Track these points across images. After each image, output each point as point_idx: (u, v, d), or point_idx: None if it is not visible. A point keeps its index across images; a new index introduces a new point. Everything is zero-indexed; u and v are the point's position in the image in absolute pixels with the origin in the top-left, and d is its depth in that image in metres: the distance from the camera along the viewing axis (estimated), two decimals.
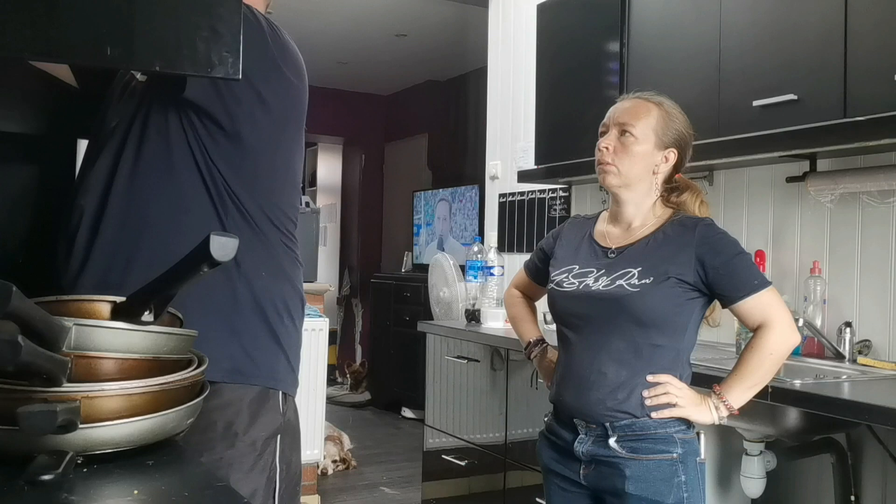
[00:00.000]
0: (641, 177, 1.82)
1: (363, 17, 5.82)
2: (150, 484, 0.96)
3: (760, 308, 1.72)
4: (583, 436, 1.79)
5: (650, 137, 1.81)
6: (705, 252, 1.73)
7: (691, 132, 1.88)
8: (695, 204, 1.87)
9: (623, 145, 1.80)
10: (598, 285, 1.79)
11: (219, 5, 0.99)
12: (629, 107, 1.85)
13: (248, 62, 1.20)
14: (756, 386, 1.76)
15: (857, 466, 2.39)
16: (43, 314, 0.93)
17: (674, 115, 1.85)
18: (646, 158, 1.81)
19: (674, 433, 1.75)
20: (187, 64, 1.00)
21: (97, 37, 0.95)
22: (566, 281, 1.85)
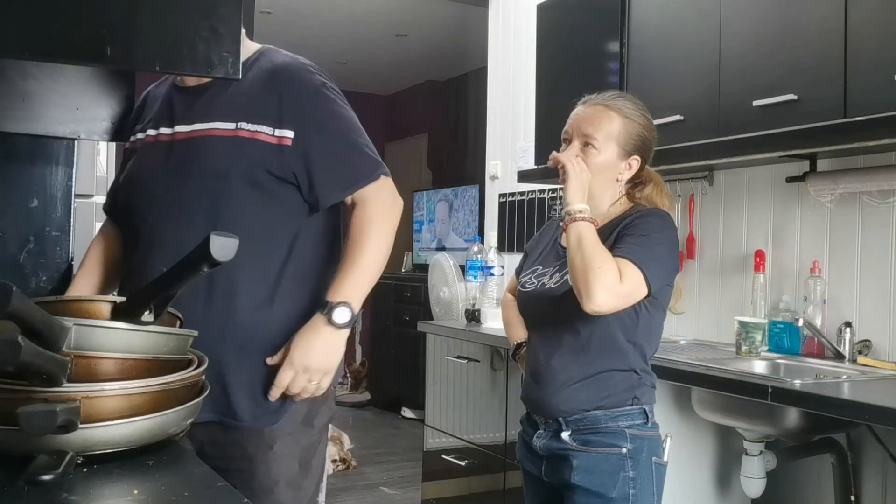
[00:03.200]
0: (604, 186, 1.83)
1: (363, 17, 5.82)
2: (150, 484, 0.96)
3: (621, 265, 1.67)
4: (541, 431, 1.83)
5: (612, 148, 1.81)
6: (624, 230, 1.74)
7: (653, 133, 1.88)
8: (660, 197, 1.88)
9: (586, 157, 1.80)
10: (551, 283, 1.82)
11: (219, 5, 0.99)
12: (590, 115, 1.83)
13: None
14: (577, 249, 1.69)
15: (857, 466, 2.39)
16: (43, 314, 0.93)
17: (634, 119, 1.83)
18: (608, 169, 1.82)
19: (625, 428, 1.74)
20: (187, 64, 1.00)
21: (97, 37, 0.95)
22: (528, 282, 1.90)
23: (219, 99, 1.56)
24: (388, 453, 5.27)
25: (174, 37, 0.98)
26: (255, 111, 1.54)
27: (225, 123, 1.54)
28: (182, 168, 1.53)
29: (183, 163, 1.54)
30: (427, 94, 7.71)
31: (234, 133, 1.53)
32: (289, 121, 1.53)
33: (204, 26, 0.98)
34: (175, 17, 0.98)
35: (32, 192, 1.55)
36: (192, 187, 1.52)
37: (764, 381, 2.10)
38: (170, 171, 1.54)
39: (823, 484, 2.52)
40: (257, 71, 1.59)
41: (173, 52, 0.99)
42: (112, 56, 0.96)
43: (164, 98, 1.63)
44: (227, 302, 1.51)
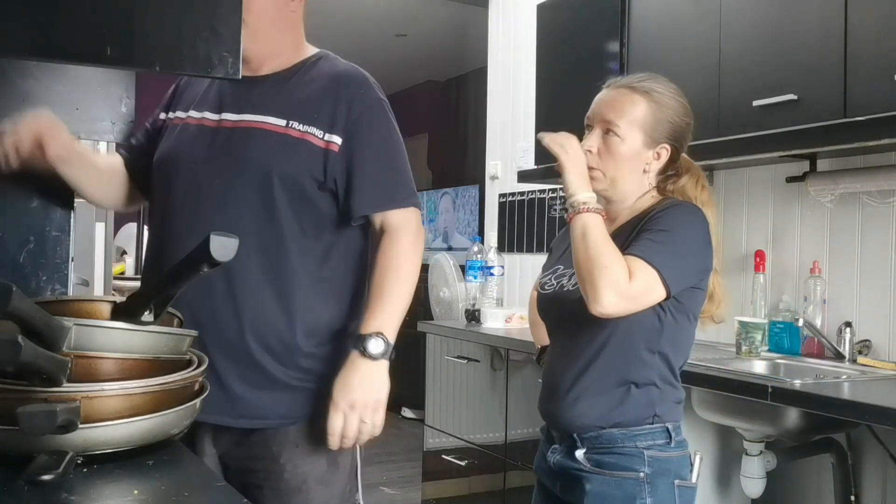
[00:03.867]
0: (630, 179, 1.63)
1: (363, 17, 5.82)
2: (150, 484, 0.96)
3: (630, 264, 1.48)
4: (556, 446, 1.66)
5: (637, 136, 1.60)
6: (646, 224, 1.55)
7: (688, 119, 1.67)
8: (696, 189, 1.68)
9: (607, 146, 1.60)
10: (569, 284, 1.62)
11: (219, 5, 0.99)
12: (613, 99, 1.63)
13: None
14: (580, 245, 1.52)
15: (857, 466, 2.39)
16: (43, 314, 0.93)
17: (665, 104, 1.62)
18: (633, 159, 1.61)
19: (644, 449, 1.55)
20: (187, 64, 1.00)
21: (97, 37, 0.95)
22: (548, 283, 1.71)
23: (272, 93, 1.56)
24: (388, 453, 5.27)
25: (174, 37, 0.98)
26: (309, 113, 1.54)
27: (276, 119, 1.54)
28: (227, 157, 1.53)
29: (228, 152, 1.53)
30: (427, 94, 7.71)
31: (285, 130, 1.53)
32: (340, 128, 1.54)
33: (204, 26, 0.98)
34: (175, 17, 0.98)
35: (32, 192, 1.55)
36: (237, 179, 1.52)
37: (764, 381, 2.10)
38: (214, 158, 1.54)
39: (823, 484, 2.52)
40: (316, 73, 1.59)
41: (173, 52, 0.99)
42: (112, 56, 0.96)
43: (210, 83, 1.63)
44: (252, 303, 1.51)
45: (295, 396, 1.54)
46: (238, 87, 1.58)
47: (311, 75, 1.59)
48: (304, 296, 1.54)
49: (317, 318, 1.56)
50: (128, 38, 0.97)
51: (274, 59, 1.58)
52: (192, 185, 1.54)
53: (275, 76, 1.58)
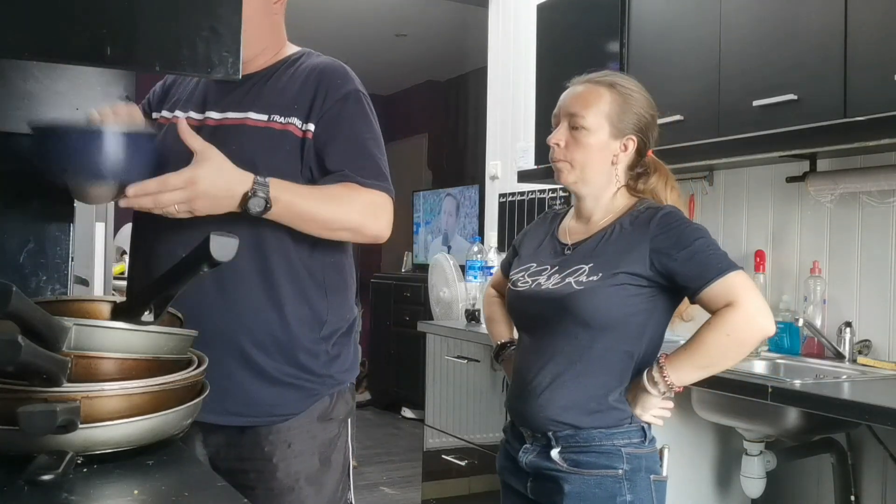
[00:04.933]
0: (599, 170, 1.65)
1: (363, 17, 5.82)
2: (150, 484, 0.96)
3: (725, 291, 1.50)
4: (528, 445, 1.65)
5: (603, 126, 1.63)
6: (661, 242, 1.55)
7: (653, 112, 1.70)
8: (665, 190, 1.70)
9: (575, 139, 1.63)
10: (549, 284, 1.63)
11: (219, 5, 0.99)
12: (579, 93, 1.66)
13: None
14: (706, 367, 1.55)
15: (857, 466, 2.39)
16: (43, 314, 0.93)
17: (630, 96, 1.66)
18: (601, 150, 1.63)
19: (622, 447, 1.57)
20: (187, 64, 1.00)
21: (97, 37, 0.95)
22: (521, 280, 1.70)
23: (254, 91, 1.58)
24: (388, 453, 5.27)
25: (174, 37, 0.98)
26: (289, 105, 1.55)
27: (258, 115, 1.55)
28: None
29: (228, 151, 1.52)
30: (427, 94, 7.71)
31: (266, 124, 1.54)
32: (316, 116, 1.55)
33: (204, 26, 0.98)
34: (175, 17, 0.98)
35: (32, 193, 1.55)
36: None
37: (764, 381, 2.10)
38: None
39: (823, 484, 2.52)
40: (297, 69, 1.61)
41: (173, 52, 0.99)
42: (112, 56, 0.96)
43: (196, 82, 1.65)
44: (243, 298, 1.52)
45: (286, 393, 1.54)
46: (220, 87, 1.60)
47: (292, 71, 1.61)
48: (295, 289, 1.55)
49: (307, 312, 1.56)
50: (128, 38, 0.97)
51: (256, 60, 1.60)
52: None
53: (256, 75, 1.60)
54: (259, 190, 1.39)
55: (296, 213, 1.46)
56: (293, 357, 1.54)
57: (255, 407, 1.53)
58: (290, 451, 1.54)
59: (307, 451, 1.56)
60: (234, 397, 1.51)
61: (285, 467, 1.54)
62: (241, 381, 1.51)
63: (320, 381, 1.58)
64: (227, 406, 1.50)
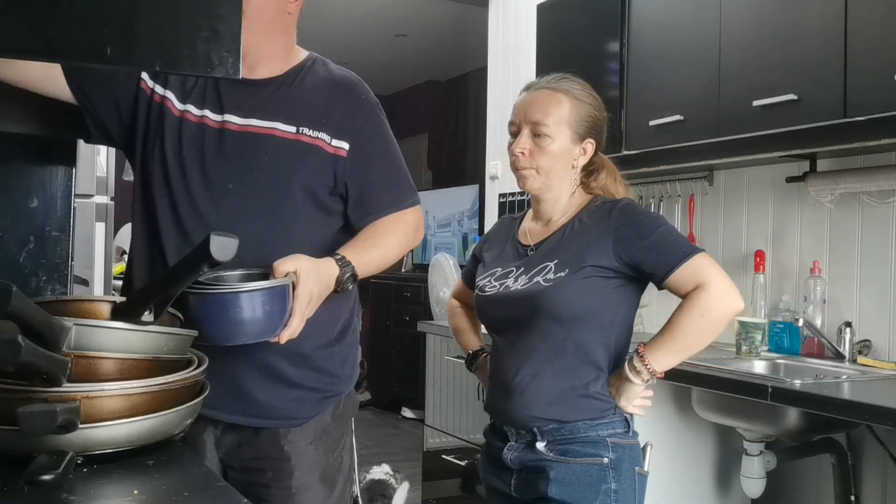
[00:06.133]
0: (561, 175, 1.70)
1: (363, 17, 5.82)
2: (150, 484, 0.96)
3: (692, 274, 1.55)
4: (512, 443, 1.68)
5: (565, 133, 1.67)
6: (624, 233, 1.60)
7: (603, 113, 1.75)
8: (615, 184, 1.76)
9: (539, 146, 1.67)
10: (517, 285, 1.67)
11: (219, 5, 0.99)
12: (538, 101, 1.69)
13: None
14: (684, 350, 1.61)
15: (857, 466, 2.39)
16: (43, 314, 0.93)
17: (584, 100, 1.70)
18: (564, 156, 1.68)
19: (607, 436, 1.61)
20: (187, 64, 1.00)
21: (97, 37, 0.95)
22: (489, 285, 1.74)
23: (277, 97, 1.55)
24: (388, 453, 5.26)
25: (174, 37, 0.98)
26: (317, 119, 1.54)
27: (286, 125, 1.53)
28: (243, 162, 1.51)
29: (242, 156, 1.52)
30: (427, 94, 7.71)
31: (296, 137, 1.53)
32: (347, 133, 1.56)
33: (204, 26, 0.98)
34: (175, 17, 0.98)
35: (32, 192, 1.55)
36: (254, 185, 1.51)
37: (764, 381, 2.10)
38: (224, 161, 1.51)
39: (823, 484, 2.52)
40: (315, 78, 1.60)
41: (173, 51, 0.99)
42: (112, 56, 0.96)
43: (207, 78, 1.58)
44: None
45: (306, 396, 1.55)
46: (239, 89, 1.55)
47: (311, 80, 1.59)
48: None
49: (324, 317, 1.57)
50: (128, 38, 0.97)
51: (268, 61, 1.57)
52: (203, 187, 1.51)
53: (275, 80, 1.57)
54: (346, 271, 1.48)
55: (368, 270, 1.57)
56: (311, 360, 1.55)
57: (276, 411, 1.53)
58: (307, 450, 1.55)
59: (322, 450, 1.58)
60: (257, 402, 1.52)
61: (302, 466, 1.55)
62: (262, 387, 1.52)
63: (336, 381, 1.59)
64: (248, 409, 1.51)
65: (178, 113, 1.56)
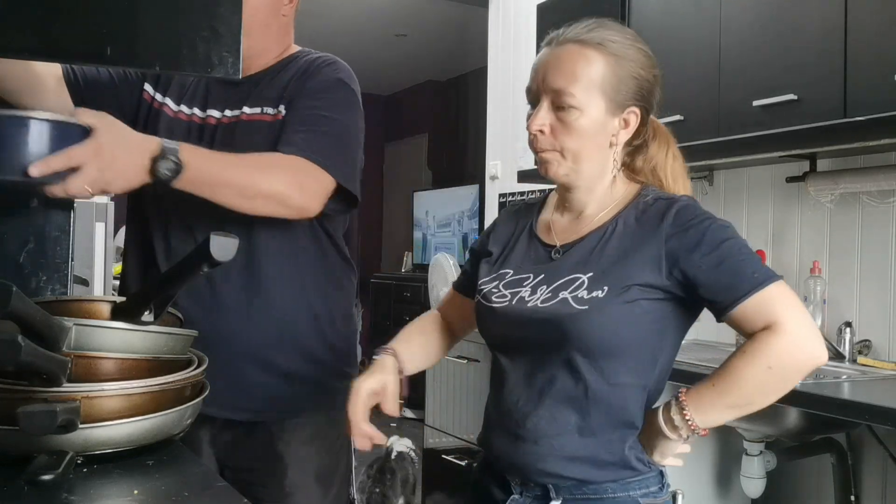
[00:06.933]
0: (595, 156, 1.29)
1: (363, 17, 5.82)
2: (149, 484, 0.96)
3: (763, 309, 1.17)
4: (516, 496, 1.29)
5: (598, 102, 1.26)
6: (680, 244, 1.21)
7: (655, 71, 1.36)
8: (667, 158, 1.38)
9: (563, 122, 1.26)
10: (536, 299, 1.26)
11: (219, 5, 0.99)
12: (560, 61, 1.30)
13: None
14: (739, 407, 1.22)
15: (857, 467, 2.39)
16: (43, 314, 0.93)
17: (625, 55, 1.30)
18: (598, 133, 1.27)
19: (639, 497, 1.25)
20: (187, 64, 1.00)
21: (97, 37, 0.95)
22: (496, 292, 1.32)
23: (248, 88, 1.57)
24: None
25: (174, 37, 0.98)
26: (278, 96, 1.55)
27: (251, 109, 1.55)
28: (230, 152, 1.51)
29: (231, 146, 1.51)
30: (427, 94, 7.71)
31: (260, 117, 1.54)
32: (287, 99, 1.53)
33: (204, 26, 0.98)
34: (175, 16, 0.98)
35: (32, 193, 1.55)
36: None
37: None
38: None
39: (823, 484, 2.52)
40: (296, 64, 1.60)
41: (173, 51, 0.99)
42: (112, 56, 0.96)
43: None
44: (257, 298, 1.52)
45: (299, 389, 1.55)
46: (221, 84, 1.59)
47: (294, 66, 1.60)
48: (313, 283, 1.57)
49: (321, 309, 1.57)
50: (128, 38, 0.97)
51: (258, 59, 1.59)
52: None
53: (256, 74, 1.59)
54: (168, 152, 1.26)
55: (209, 179, 1.33)
56: (304, 350, 1.56)
57: (269, 402, 1.53)
58: (302, 449, 1.55)
59: (318, 450, 1.57)
60: (249, 394, 1.51)
61: (298, 466, 1.54)
62: (256, 378, 1.52)
63: (330, 374, 1.59)
64: (240, 402, 1.51)
65: (172, 114, 1.60)
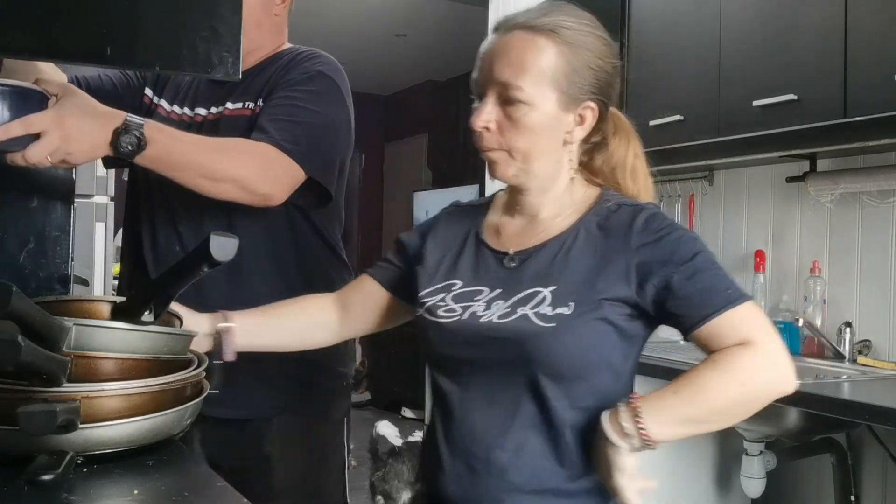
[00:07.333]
0: (547, 156, 1.16)
1: (363, 17, 5.82)
2: (149, 484, 0.96)
3: (737, 327, 1.08)
4: None
5: (549, 96, 1.13)
6: (651, 255, 1.10)
7: (612, 60, 1.22)
8: (629, 155, 1.25)
9: (511, 119, 1.14)
10: (491, 314, 1.12)
11: (219, 5, 0.99)
12: (507, 49, 1.15)
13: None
14: (698, 423, 1.09)
15: (857, 467, 2.39)
16: (43, 314, 0.93)
17: (580, 43, 1.16)
18: (550, 130, 1.14)
19: None
20: (187, 64, 1.00)
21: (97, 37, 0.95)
22: (443, 305, 1.17)
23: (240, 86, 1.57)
24: None
25: (174, 37, 0.98)
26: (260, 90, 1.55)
27: (234, 104, 1.55)
28: None
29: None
30: (427, 94, 7.71)
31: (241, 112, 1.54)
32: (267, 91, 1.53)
33: (204, 26, 0.98)
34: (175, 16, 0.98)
35: (32, 192, 1.55)
36: None
37: None
38: None
39: (823, 484, 2.52)
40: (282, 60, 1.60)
41: (173, 51, 0.99)
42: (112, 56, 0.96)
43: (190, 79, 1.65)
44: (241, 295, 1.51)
45: (289, 387, 1.55)
46: (209, 83, 1.60)
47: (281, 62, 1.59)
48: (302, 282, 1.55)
49: None
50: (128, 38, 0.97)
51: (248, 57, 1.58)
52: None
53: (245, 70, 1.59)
54: (132, 126, 1.22)
55: (173, 158, 1.30)
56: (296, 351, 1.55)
57: (260, 401, 1.53)
58: (289, 450, 1.55)
59: (306, 451, 1.57)
60: (240, 392, 1.51)
61: (284, 467, 1.54)
62: (246, 376, 1.51)
63: (319, 372, 1.58)
64: (231, 401, 1.50)
65: (164, 113, 1.63)
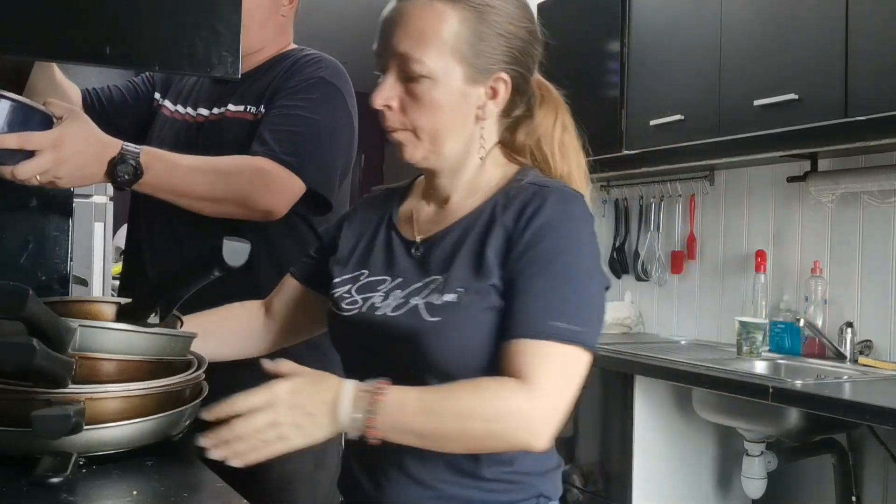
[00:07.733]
0: (458, 134, 1.06)
1: (363, 16, 5.82)
2: (149, 484, 0.96)
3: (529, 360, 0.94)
4: None
5: (454, 69, 1.02)
6: (515, 241, 1.00)
7: (529, 25, 1.08)
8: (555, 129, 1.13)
9: (413, 96, 1.03)
10: (387, 307, 1.04)
11: (219, 5, 0.99)
12: (408, 18, 1.02)
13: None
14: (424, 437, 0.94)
15: (858, 467, 2.39)
16: (51, 316, 0.93)
17: (487, 7, 1.03)
18: (457, 106, 1.04)
19: None
20: (187, 64, 1.00)
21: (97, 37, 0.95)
22: (347, 297, 1.09)
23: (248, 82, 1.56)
24: None
25: (174, 36, 0.98)
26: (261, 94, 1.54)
27: (235, 106, 1.55)
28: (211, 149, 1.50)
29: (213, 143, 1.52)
30: None
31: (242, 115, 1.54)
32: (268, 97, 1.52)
33: (204, 26, 0.98)
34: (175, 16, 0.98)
35: (32, 192, 1.54)
36: None
37: (765, 381, 2.10)
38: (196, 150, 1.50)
39: (824, 484, 2.51)
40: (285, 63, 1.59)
41: (173, 51, 0.99)
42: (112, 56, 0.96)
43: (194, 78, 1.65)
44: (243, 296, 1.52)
45: None
46: (213, 84, 1.60)
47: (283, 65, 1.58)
48: None
49: None
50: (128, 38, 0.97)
51: (253, 57, 1.57)
52: None
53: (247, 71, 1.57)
54: (128, 156, 1.22)
55: (171, 184, 1.29)
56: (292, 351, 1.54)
57: None
58: None
59: (302, 452, 1.56)
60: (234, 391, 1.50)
61: (279, 467, 1.53)
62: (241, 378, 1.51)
63: None
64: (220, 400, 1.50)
65: (168, 114, 1.64)
